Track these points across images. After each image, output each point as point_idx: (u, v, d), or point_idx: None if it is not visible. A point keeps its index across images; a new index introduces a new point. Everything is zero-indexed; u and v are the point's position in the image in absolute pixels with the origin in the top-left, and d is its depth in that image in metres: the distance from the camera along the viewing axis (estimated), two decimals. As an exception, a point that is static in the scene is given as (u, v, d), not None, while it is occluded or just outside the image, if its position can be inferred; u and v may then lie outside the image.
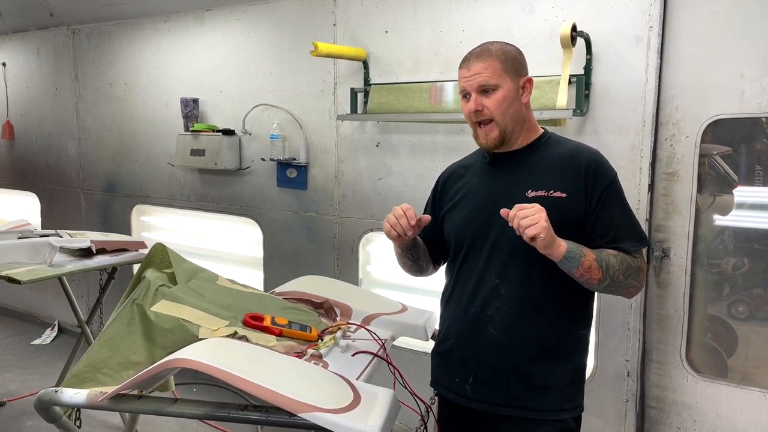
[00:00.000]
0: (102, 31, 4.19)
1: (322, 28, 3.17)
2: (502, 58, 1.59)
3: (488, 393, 1.63)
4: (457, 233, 1.72)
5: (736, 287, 2.35)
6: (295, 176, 3.39)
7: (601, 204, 1.57)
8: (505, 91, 1.59)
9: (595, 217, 1.57)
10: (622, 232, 1.58)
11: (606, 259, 1.52)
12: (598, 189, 1.57)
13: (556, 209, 1.53)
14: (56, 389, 1.45)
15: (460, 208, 1.72)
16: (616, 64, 2.39)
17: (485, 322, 1.63)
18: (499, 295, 1.61)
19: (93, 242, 2.90)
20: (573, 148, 1.64)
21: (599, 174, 1.58)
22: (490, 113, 1.59)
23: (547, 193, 1.57)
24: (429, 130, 2.91)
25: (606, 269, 1.51)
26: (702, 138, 2.30)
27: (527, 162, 1.65)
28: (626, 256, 1.56)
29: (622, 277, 1.54)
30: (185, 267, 1.85)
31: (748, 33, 2.18)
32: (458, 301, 1.70)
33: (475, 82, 1.59)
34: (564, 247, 1.47)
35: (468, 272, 1.68)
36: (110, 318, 1.69)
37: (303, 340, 1.67)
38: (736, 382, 2.34)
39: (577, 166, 1.58)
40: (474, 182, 1.73)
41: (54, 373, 3.91)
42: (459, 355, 1.69)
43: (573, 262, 1.48)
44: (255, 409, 1.37)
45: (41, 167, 4.79)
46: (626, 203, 1.62)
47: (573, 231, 1.56)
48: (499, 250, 1.61)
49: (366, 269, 3.29)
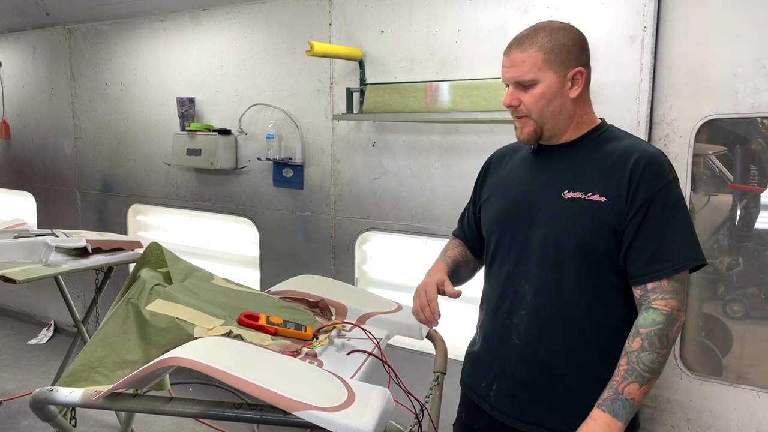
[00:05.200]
0: (98, 30, 4.19)
1: (318, 28, 3.17)
2: (547, 48, 1.41)
3: (510, 406, 1.55)
4: (488, 229, 1.61)
5: (731, 286, 2.36)
6: (291, 176, 3.40)
7: (643, 213, 1.36)
8: (545, 87, 1.42)
9: (635, 228, 1.37)
10: (667, 245, 1.36)
11: (635, 362, 1.33)
12: (641, 195, 1.36)
13: (592, 214, 1.40)
14: (51, 388, 1.46)
15: (495, 201, 1.61)
16: (610, 64, 2.40)
17: (510, 330, 1.52)
18: (526, 302, 1.49)
19: (89, 242, 2.90)
20: (627, 146, 1.44)
21: (646, 177, 1.37)
22: (527, 110, 1.45)
23: (585, 195, 1.41)
24: (425, 129, 2.91)
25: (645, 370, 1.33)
26: (696, 138, 2.31)
27: (571, 158, 1.48)
28: (651, 327, 1.34)
29: (663, 353, 1.34)
30: (180, 266, 1.85)
31: (742, 33, 2.19)
32: (488, 303, 1.62)
33: (511, 75, 1.44)
34: (618, 426, 1.32)
35: (497, 273, 1.58)
36: (106, 317, 1.69)
37: (298, 339, 1.68)
38: (731, 381, 2.35)
39: (623, 166, 1.39)
40: (513, 173, 1.59)
41: (50, 372, 3.90)
42: (485, 361, 1.62)
43: (632, 412, 1.34)
44: (250, 407, 1.37)
45: (37, 167, 4.78)
46: (680, 213, 1.38)
47: (609, 240, 1.40)
48: (529, 252, 1.48)
49: (362, 268, 3.29)
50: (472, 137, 2.76)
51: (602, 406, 1.35)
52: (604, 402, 1.36)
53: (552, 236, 1.45)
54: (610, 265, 1.42)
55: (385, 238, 3.19)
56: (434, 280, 1.57)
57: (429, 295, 1.53)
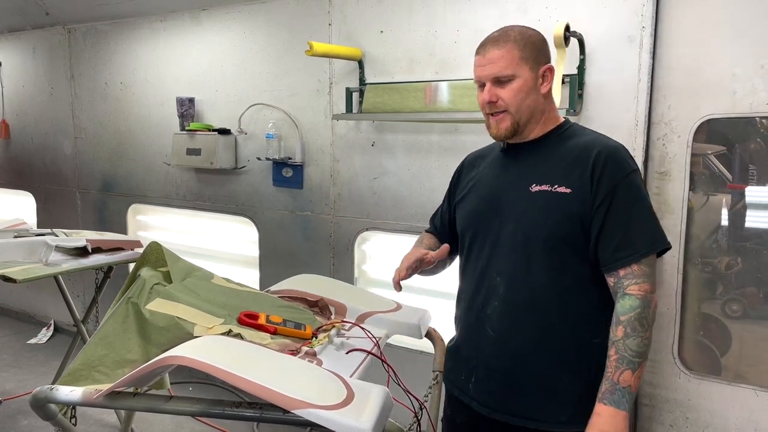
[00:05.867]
0: (98, 30, 4.19)
1: (318, 28, 3.18)
2: (521, 45, 1.48)
3: (487, 396, 1.60)
4: (463, 227, 1.68)
5: (730, 286, 2.37)
6: (290, 175, 3.40)
7: (608, 202, 1.43)
8: (522, 82, 1.48)
9: (602, 217, 1.43)
10: (633, 232, 1.43)
11: (623, 350, 1.39)
12: (605, 185, 1.43)
13: (558, 205, 1.46)
14: (52, 387, 1.46)
15: (469, 200, 1.68)
16: (609, 64, 2.41)
17: (484, 322, 1.58)
18: (498, 294, 1.55)
19: (89, 241, 2.90)
20: (588, 141, 1.52)
21: (608, 168, 1.44)
22: (505, 105, 1.50)
23: (551, 188, 1.48)
24: (424, 129, 2.92)
25: (634, 355, 1.39)
26: (695, 137, 2.31)
27: (538, 154, 1.55)
28: (630, 313, 1.40)
29: (646, 335, 1.41)
30: (180, 265, 1.86)
31: (740, 33, 2.20)
32: (465, 298, 1.68)
33: (490, 71, 1.49)
34: (622, 415, 1.38)
35: (472, 268, 1.64)
36: (105, 316, 1.70)
37: (297, 338, 1.68)
38: (729, 380, 2.36)
39: (586, 159, 1.47)
40: (484, 173, 1.67)
41: (50, 372, 3.91)
42: (464, 354, 1.67)
43: (632, 399, 1.40)
44: (249, 406, 1.38)
45: (37, 166, 4.79)
46: (642, 201, 1.46)
47: (575, 230, 1.46)
48: (501, 247, 1.55)
49: (361, 268, 3.30)
50: (471, 137, 2.77)
51: (603, 400, 1.40)
52: (604, 395, 1.40)
53: (521, 229, 1.51)
54: (579, 256, 1.48)
55: (384, 237, 3.20)
56: (418, 250, 1.65)
57: (407, 259, 1.62)
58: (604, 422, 1.39)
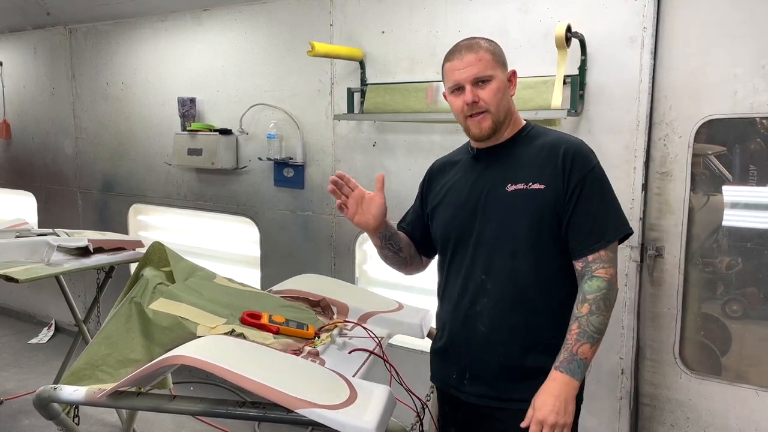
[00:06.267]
0: (99, 30, 4.20)
1: (319, 29, 3.18)
2: (491, 50, 1.61)
3: (484, 388, 1.64)
4: (443, 231, 1.73)
5: (730, 286, 2.38)
6: (292, 176, 3.40)
7: (578, 193, 1.55)
8: (499, 82, 1.59)
9: (572, 207, 1.55)
10: (600, 221, 1.56)
11: (586, 326, 1.50)
12: (574, 178, 1.55)
13: (535, 201, 1.56)
14: (55, 386, 1.47)
15: (445, 205, 1.74)
16: (610, 65, 2.41)
17: (474, 319, 1.64)
18: (486, 290, 1.62)
19: (90, 241, 2.91)
20: (554, 139, 1.64)
21: (576, 162, 1.57)
22: (486, 105, 1.58)
23: (526, 185, 1.58)
24: (425, 129, 2.92)
25: (595, 331, 1.50)
26: (696, 138, 2.32)
27: (509, 156, 1.65)
28: (596, 293, 1.52)
29: (607, 315, 1.53)
30: (183, 265, 1.87)
31: (741, 34, 2.20)
32: (450, 298, 1.72)
33: (471, 73, 1.58)
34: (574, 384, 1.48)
35: (456, 269, 1.70)
36: (108, 316, 1.70)
37: (300, 337, 1.69)
38: (730, 380, 2.36)
39: (555, 156, 1.58)
40: (458, 178, 1.74)
41: (51, 371, 3.91)
42: (453, 353, 1.70)
43: (585, 370, 1.50)
44: (253, 405, 1.38)
45: (38, 166, 4.79)
46: (607, 191, 1.60)
47: (553, 223, 1.57)
48: (483, 246, 1.63)
49: (362, 268, 3.30)
50: (472, 137, 2.77)
51: (560, 368, 1.50)
52: (561, 364, 1.50)
53: (504, 227, 1.60)
54: (558, 247, 1.59)
55: (385, 237, 3.19)
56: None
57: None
58: (558, 388, 1.48)
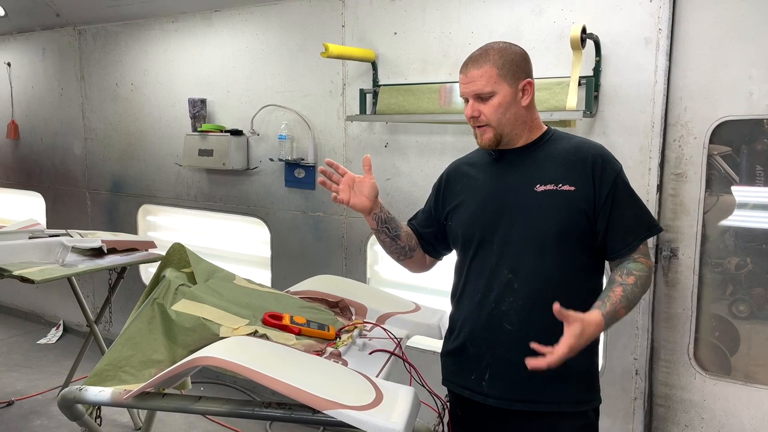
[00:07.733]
0: (108, 31, 4.21)
1: (331, 30, 3.19)
2: (500, 64, 1.61)
3: (505, 389, 1.64)
4: (465, 230, 1.73)
5: (739, 286, 2.38)
6: (303, 176, 3.41)
7: (611, 198, 1.60)
8: (501, 98, 1.61)
9: (608, 212, 1.60)
10: (635, 221, 1.62)
11: (629, 294, 1.56)
12: (606, 184, 1.60)
13: (565, 201, 1.59)
14: (81, 387, 1.48)
15: (467, 205, 1.74)
16: (625, 66, 2.41)
17: (500, 318, 1.63)
18: (513, 290, 1.62)
19: (104, 242, 2.92)
20: (577, 144, 1.68)
21: (606, 169, 1.61)
22: (486, 119, 1.63)
23: (556, 186, 1.61)
24: (438, 130, 2.93)
25: (632, 301, 1.57)
26: (711, 139, 2.32)
27: (532, 158, 1.68)
28: (641, 272, 1.60)
29: (642, 296, 1.62)
30: (203, 266, 1.87)
31: (756, 35, 2.20)
32: (471, 298, 1.71)
33: (472, 89, 1.63)
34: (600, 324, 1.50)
35: (479, 269, 1.69)
36: (130, 317, 1.71)
37: (321, 338, 1.69)
38: (740, 380, 2.37)
39: (583, 160, 1.62)
40: (480, 179, 1.74)
41: (60, 372, 3.92)
42: (473, 352, 1.69)
43: (613, 322, 1.54)
44: (278, 406, 1.39)
45: (46, 167, 4.80)
46: (634, 193, 1.66)
47: (583, 223, 1.60)
48: (510, 245, 1.63)
49: (374, 269, 3.31)
50: (485, 138, 2.77)
51: (605, 316, 1.51)
52: (607, 313, 1.52)
53: (534, 226, 1.62)
54: (583, 246, 1.64)
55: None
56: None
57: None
58: (596, 333, 1.51)
